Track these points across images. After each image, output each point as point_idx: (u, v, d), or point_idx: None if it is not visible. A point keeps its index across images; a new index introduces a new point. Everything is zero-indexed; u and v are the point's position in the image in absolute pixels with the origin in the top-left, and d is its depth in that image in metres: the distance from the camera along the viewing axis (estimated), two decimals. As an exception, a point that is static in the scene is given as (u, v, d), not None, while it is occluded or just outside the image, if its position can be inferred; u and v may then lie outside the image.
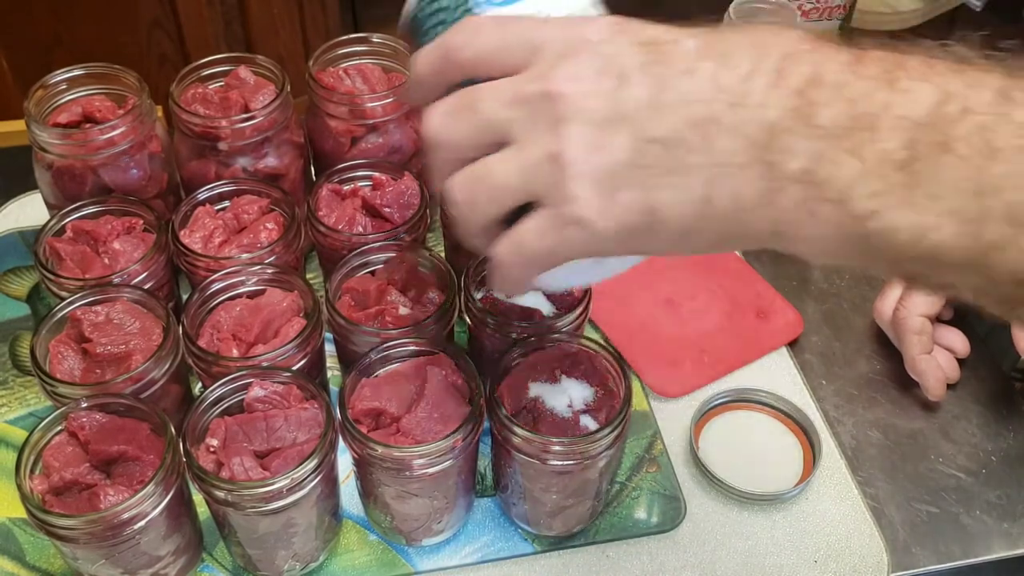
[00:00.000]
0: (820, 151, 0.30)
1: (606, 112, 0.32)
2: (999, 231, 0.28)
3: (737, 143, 0.31)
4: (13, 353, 0.65)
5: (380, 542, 0.56)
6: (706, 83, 0.32)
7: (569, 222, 0.33)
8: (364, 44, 0.69)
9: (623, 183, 0.32)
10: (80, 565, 0.48)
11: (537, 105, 0.33)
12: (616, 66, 0.33)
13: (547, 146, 0.33)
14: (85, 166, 0.62)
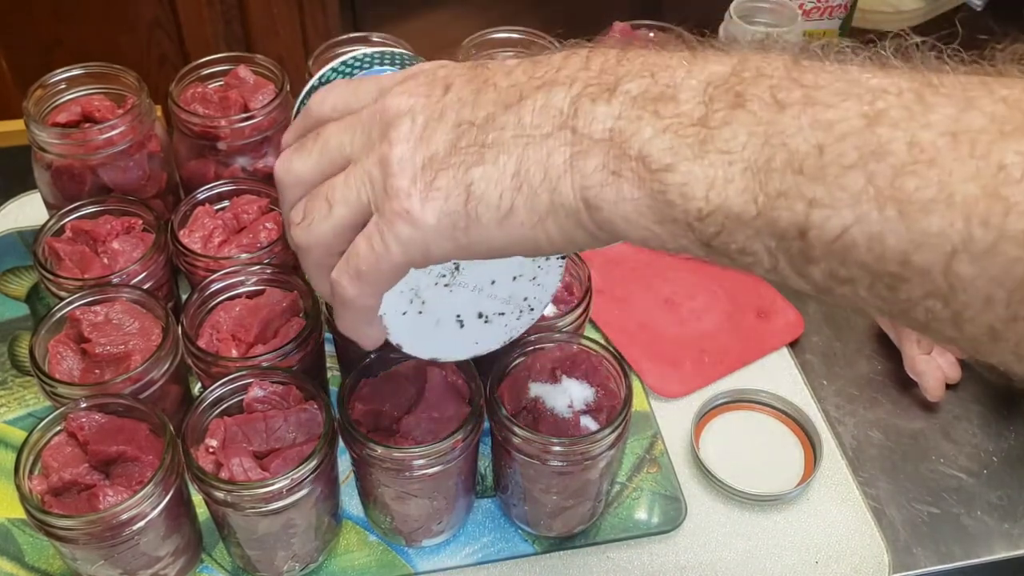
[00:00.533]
0: (623, 113, 0.31)
1: (430, 112, 0.34)
2: (783, 180, 0.28)
3: (544, 115, 0.32)
4: (12, 353, 0.65)
5: (380, 543, 0.55)
6: (520, 75, 0.34)
7: (394, 219, 0.33)
8: (364, 44, 0.69)
9: (441, 167, 0.33)
10: (79, 566, 0.48)
11: (372, 122, 0.36)
12: (443, 80, 0.35)
13: (376, 153, 0.35)
14: (84, 166, 0.62)
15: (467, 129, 0.33)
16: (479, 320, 0.43)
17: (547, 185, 0.32)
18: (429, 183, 0.33)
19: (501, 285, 0.42)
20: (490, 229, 0.33)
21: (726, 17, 0.72)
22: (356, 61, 0.46)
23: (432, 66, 0.37)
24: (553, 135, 0.32)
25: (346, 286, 0.36)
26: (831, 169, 0.27)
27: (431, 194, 0.33)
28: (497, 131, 0.33)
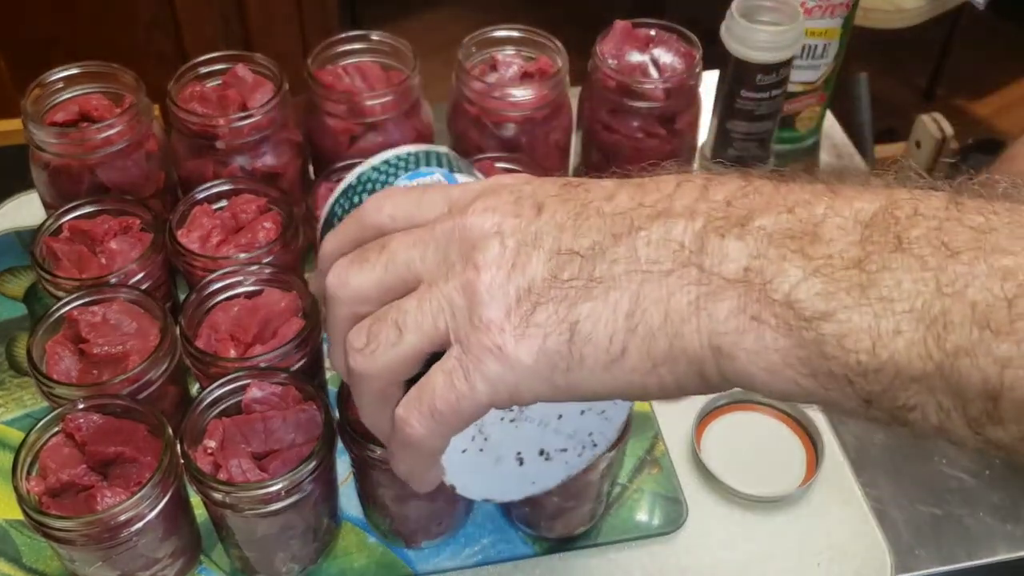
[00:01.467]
0: (760, 251, 0.27)
1: (522, 236, 0.30)
2: (964, 335, 0.25)
3: (663, 250, 0.29)
4: (10, 354, 0.65)
5: (379, 544, 0.55)
6: (627, 201, 0.30)
7: (483, 355, 0.30)
8: (363, 42, 0.68)
9: (540, 300, 0.29)
10: (77, 567, 0.48)
11: (448, 239, 0.31)
12: (532, 198, 0.31)
13: (458, 277, 0.31)
14: (82, 165, 0.61)
15: (570, 259, 0.29)
16: (540, 457, 0.39)
17: (668, 329, 0.28)
18: (526, 318, 0.29)
19: (568, 419, 0.37)
20: (595, 373, 0.29)
21: (727, 16, 0.71)
22: (400, 160, 0.40)
23: (515, 180, 0.33)
24: (675, 272, 0.28)
25: (416, 425, 0.31)
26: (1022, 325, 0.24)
27: (528, 331, 0.29)
28: (607, 264, 0.29)
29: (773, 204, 0.28)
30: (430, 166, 0.39)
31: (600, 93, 0.67)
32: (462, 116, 0.67)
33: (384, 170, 0.39)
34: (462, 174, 0.39)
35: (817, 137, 0.84)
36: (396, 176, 0.39)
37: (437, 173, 0.38)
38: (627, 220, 0.30)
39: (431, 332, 0.31)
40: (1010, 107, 2.07)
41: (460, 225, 0.31)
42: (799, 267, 0.27)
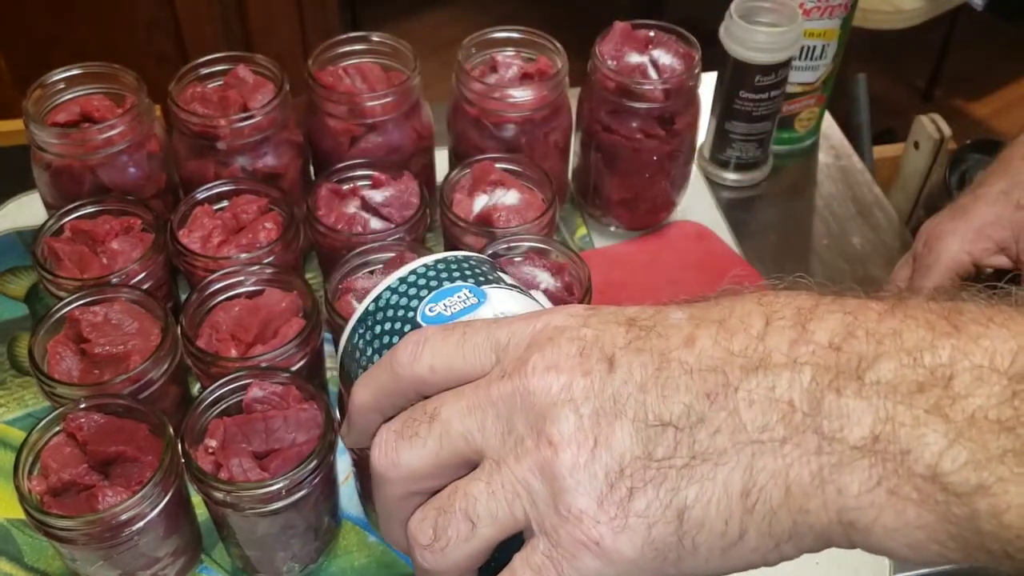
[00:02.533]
0: (888, 412, 0.24)
1: (598, 401, 0.26)
2: None
3: (771, 413, 0.25)
4: (11, 353, 0.65)
5: (380, 544, 0.55)
6: (713, 349, 0.26)
7: (577, 550, 0.26)
8: (363, 43, 0.69)
9: (636, 484, 0.26)
10: (78, 566, 0.48)
11: (510, 407, 0.27)
12: (599, 347, 0.27)
13: (531, 456, 0.27)
14: (83, 166, 0.62)
15: (662, 431, 0.26)
16: None
17: (791, 505, 0.25)
18: (623, 505, 0.26)
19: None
20: (710, 560, 0.26)
21: (727, 16, 0.72)
22: (419, 278, 0.35)
23: (570, 321, 0.28)
24: (791, 440, 0.25)
25: None
26: None
27: (629, 521, 0.26)
28: (708, 434, 0.25)
29: (889, 346, 0.25)
30: (453, 281, 0.35)
31: (599, 94, 0.68)
32: (462, 117, 0.68)
33: (403, 291, 0.35)
34: (488, 284, 0.35)
35: (816, 138, 0.84)
36: (419, 298, 0.34)
37: (463, 288, 0.35)
38: (719, 376, 0.26)
39: (508, 522, 0.27)
40: (1009, 107, 2.07)
41: (522, 390, 0.27)
42: (940, 432, 0.23)
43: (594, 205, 0.74)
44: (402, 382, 0.30)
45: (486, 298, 0.34)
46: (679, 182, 0.73)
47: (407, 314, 0.34)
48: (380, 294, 0.36)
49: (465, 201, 0.62)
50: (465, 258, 0.37)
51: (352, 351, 0.36)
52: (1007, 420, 0.23)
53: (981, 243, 0.57)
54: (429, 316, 0.34)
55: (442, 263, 0.36)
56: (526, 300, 0.36)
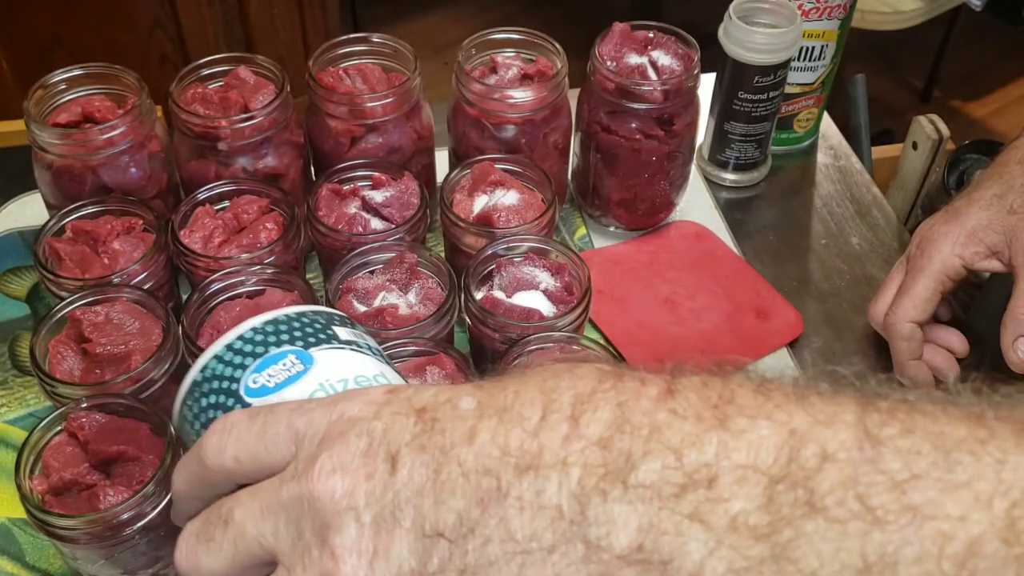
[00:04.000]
0: (652, 519, 0.23)
1: (378, 507, 0.26)
2: None
3: (540, 519, 0.25)
4: (13, 353, 0.65)
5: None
6: (489, 447, 0.26)
7: None
8: (364, 44, 0.69)
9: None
10: (80, 565, 0.48)
11: (298, 512, 0.27)
12: (385, 445, 0.27)
13: (316, 566, 0.27)
14: (85, 166, 0.62)
15: (435, 542, 0.26)
16: None
17: None
18: None
19: None
20: None
21: (725, 18, 0.72)
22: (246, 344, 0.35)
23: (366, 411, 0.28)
24: (558, 548, 0.24)
25: None
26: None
27: None
28: (478, 544, 0.25)
29: (656, 442, 0.24)
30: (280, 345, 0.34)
31: (599, 95, 0.68)
32: (462, 117, 0.68)
33: (229, 359, 0.35)
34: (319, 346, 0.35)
35: (814, 138, 0.85)
36: (243, 367, 0.34)
37: (290, 354, 0.34)
38: (492, 480, 0.25)
39: None
40: (1007, 108, 2.07)
41: (308, 495, 0.27)
42: (700, 540, 0.23)
43: (593, 205, 0.74)
44: (211, 473, 0.31)
45: (313, 363, 0.34)
46: (678, 182, 0.73)
47: (231, 386, 0.34)
48: (207, 363, 0.35)
49: (465, 201, 0.62)
50: (298, 316, 0.36)
51: (182, 423, 0.36)
52: (764, 527, 0.23)
53: (973, 247, 0.58)
54: (252, 388, 0.33)
55: (271, 324, 0.35)
56: (359, 357, 0.35)
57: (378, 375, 0.35)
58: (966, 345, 0.62)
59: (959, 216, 0.59)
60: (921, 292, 0.59)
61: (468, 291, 0.56)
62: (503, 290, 0.58)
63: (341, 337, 0.36)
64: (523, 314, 0.56)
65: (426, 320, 0.54)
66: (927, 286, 0.59)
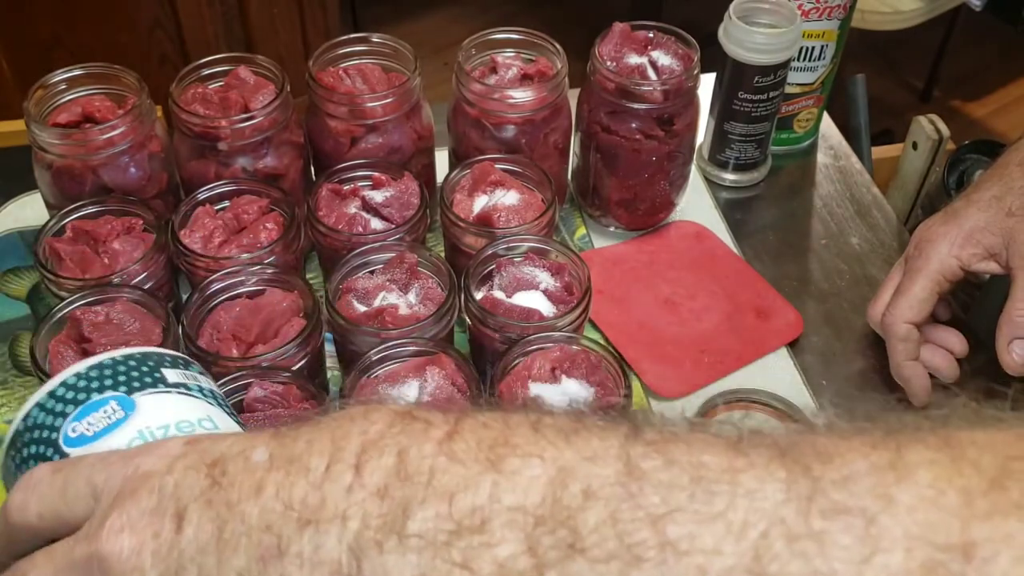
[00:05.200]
0: (424, 570, 0.24)
1: (163, 566, 0.27)
2: None
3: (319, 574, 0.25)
4: (13, 353, 0.65)
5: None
6: (273, 502, 0.26)
7: None
8: (364, 44, 0.69)
9: None
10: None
11: (88, 573, 0.28)
12: (175, 501, 0.27)
13: None
14: (85, 166, 0.62)
15: None
16: None
17: None
18: None
19: None
20: None
21: (725, 18, 0.72)
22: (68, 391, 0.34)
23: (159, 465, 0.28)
24: None
25: None
26: None
27: None
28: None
29: (432, 490, 0.24)
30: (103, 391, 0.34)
31: (599, 95, 0.68)
32: (462, 118, 0.68)
33: (51, 408, 0.34)
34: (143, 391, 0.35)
35: (814, 138, 0.85)
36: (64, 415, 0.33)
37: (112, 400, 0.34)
38: (273, 538, 0.26)
39: None
40: (1007, 108, 2.07)
41: (97, 556, 0.27)
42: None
43: (593, 205, 0.74)
44: (15, 531, 0.30)
45: (135, 409, 0.34)
46: (678, 182, 0.73)
47: (51, 435, 0.34)
48: (29, 412, 0.34)
49: (465, 201, 0.62)
50: (125, 359, 0.36)
51: (5, 475, 0.35)
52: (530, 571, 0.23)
53: (970, 248, 0.57)
54: (71, 438, 0.33)
55: (95, 369, 0.35)
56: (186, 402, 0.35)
57: (203, 419, 0.35)
58: (966, 345, 0.62)
59: (957, 217, 0.59)
60: (918, 293, 0.59)
61: (468, 291, 0.56)
62: (503, 290, 0.58)
63: (169, 380, 0.36)
64: (523, 314, 0.56)
65: (426, 320, 0.54)
66: (924, 287, 0.59)
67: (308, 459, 0.26)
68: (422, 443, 0.26)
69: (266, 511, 0.26)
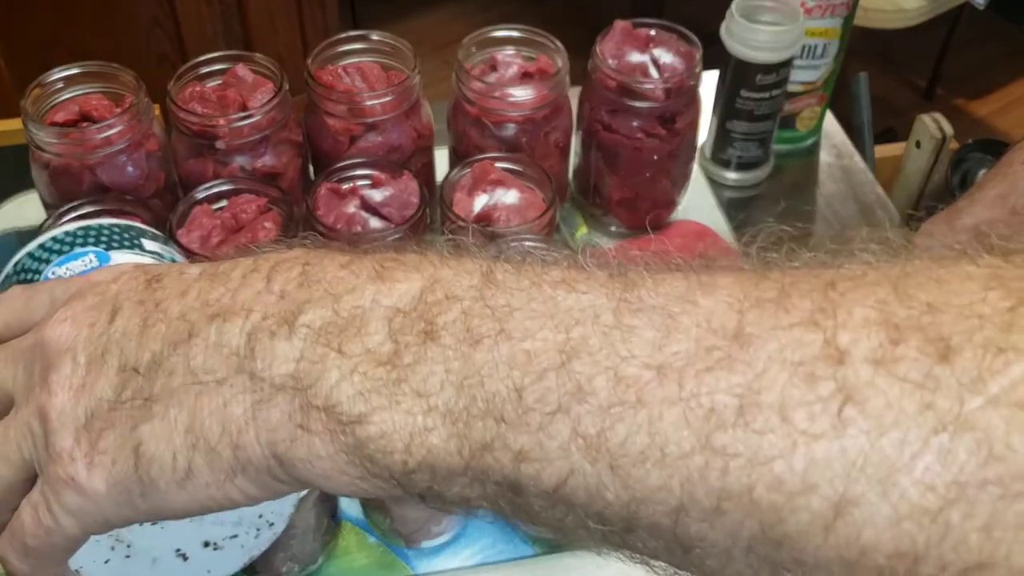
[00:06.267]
0: (305, 352, 0.26)
1: (92, 349, 0.29)
2: (485, 427, 0.24)
3: (217, 356, 0.27)
4: (10, 353, 0.65)
5: (379, 544, 0.55)
6: (193, 300, 0.29)
7: (60, 487, 0.28)
8: (363, 42, 0.68)
9: (106, 425, 0.28)
10: (76, 568, 0.48)
11: (31, 357, 0.30)
12: (112, 301, 0.30)
13: (35, 400, 0.29)
14: (82, 165, 0.61)
15: (131, 376, 0.28)
16: (207, 549, 0.37)
17: (227, 440, 0.27)
18: (93, 444, 0.28)
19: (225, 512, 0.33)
20: (170, 494, 0.28)
21: (728, 15, 0.71)
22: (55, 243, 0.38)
23: (107, 276, 0.31)
24: (228, 380, 0.27)
25: (15, 563, 0.30)
26: (533, 416, 0.24)
27: (96, 458, 0.28)
28: (164, 377, 0.28)
29: (324, 294, 0.27)
30: (86, 246, 0.37)
31: (600, 93, 0.67)
32: (462, 116, 0.67)
33: (39, 255, 0.38)
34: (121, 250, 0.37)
35: (817, 137, 0.84)
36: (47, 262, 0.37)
37: (91, 253, 0.37)
38: (186, 325, 0.28)
39: (17, 462, 0.30)
40: (1011, 107, 2.07)
41: (40, 340, 0.30)
42: (338, 367, 0.26)
43: (594, 204, 0.74)
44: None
45: (108, 262, 0.37)
46: (680, 181, 0.73)
47: (34, 278, 0.38)
48: (20, 259, 0.39)
49: (465, 201, 0.62)
50: (111, 225, 0.40)
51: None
52: (389, 354, 0.26)
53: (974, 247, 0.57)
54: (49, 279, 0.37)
55: (82, 230, 0.39)
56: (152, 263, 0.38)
57: None
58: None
59: (961, 216, 0.58)
60: None
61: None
62: (503, 290, 0.57)
63: (146, 247, 0.39)
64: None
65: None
66: None
67: (230, 272, 0.30)
68: (326, 264, 0.28)
69: (185, 308, 0.29)
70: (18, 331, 0.33)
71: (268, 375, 0.27)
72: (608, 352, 0.23)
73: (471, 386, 0.25)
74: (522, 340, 0.24)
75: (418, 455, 0.25)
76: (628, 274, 0.25)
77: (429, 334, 0.25)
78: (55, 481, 0.28)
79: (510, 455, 0.24)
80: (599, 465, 0.23)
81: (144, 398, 0.28)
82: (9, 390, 0.31)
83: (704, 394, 0.22)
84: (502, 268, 0.27)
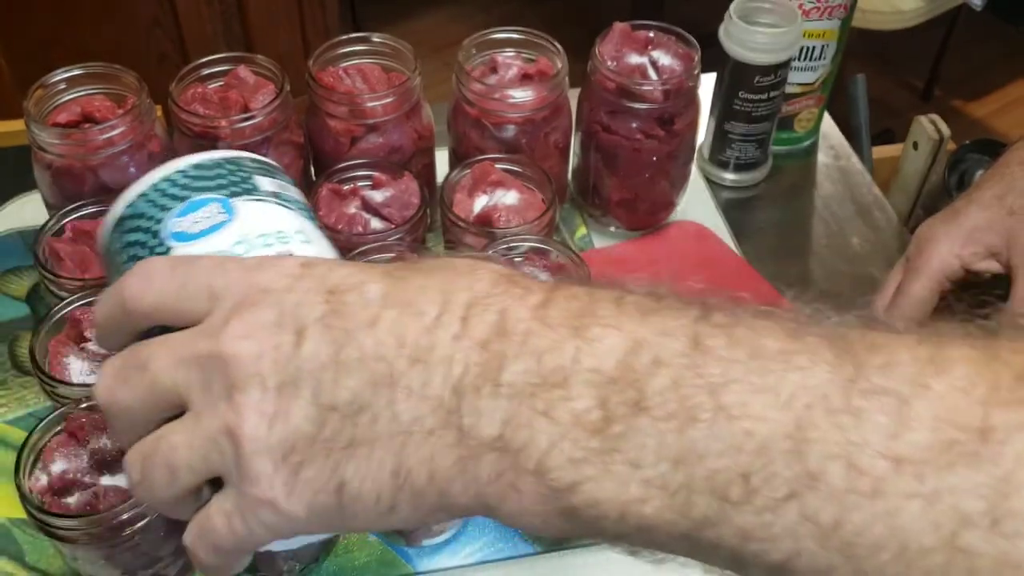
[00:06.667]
0: (512, 414, 0.27)
1: (282, 375, 0.29)
2: (707, 505, 0.25)
3: (423, 406, 0.28)
4: (12, 353, 0.65)
5: (379, 542, 0.55)
6: (387, 336, 0.29)
7: (256, 505, 0.29)
8: (364, 44, 0.69)
9: (306, 458, 0.29)
10: (79, 565, 0.48)
11: (209, 368, 0.30)
12: (294, 319, 0.30)
13: (222, 418, 0.29)
14: (84, 166, 0.62)
15: (329, 415, 0.28)
16: None
17: (434, 488, 0.28)
18: (294, 472, 0.29)
19: None
20: (368, 522, 0.30)
21: (726, 17, 0.72)
22: (171, 186, 0.36)
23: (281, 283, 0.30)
24: (436, 433, 0.28)
25: (203, 558, 0.31)
26: (760, 498, 0.24)
27: (297, 488, 0.29)
28: (367, 421, 0.28)
29: (525, 348, 0.27)
30: (204, 192, 0.36)
31: (599, 94, 0.68)
32: (462, 117, 0.68)
33: (154, 199, 0.36)
34: (241, 196, 0.36)
35: (815, 138, 0.84)
36: (167, 210, 0.35)
37: (213, 203, 0.36)
38: (386, 366, 0.28)
39: (203, 471, 0.30)
40: (1008, 108, 2.07)
41: (219, 354, 0.29)
42: (547, 433, 0.26)
43: (594, 205, 0.74)
44: (131, 315, 0.33)
45: (235, 214, 0.35)
46: (679, 182, 0.73)
47: (155, 226, 0.36)
48: (133, 201, 0.36)
49: (465, 201, 0.62)
50: (222, 162, 0.38)
51: (106, 253, 0.38)
52: (598, 422, 0.26)
53: (971, 247, 0.57)
54: (175, 232, 0.35)
55: (195, 169, 0.37)
56: (280, 212, 0.37)
57: (298, 231, 0.37)
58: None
59: (958, 216, 0.59)
60: (919, 292, 0.59)
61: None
62: (503, 290, 0.58)
63: (262, 188, 0.37)
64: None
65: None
66: (925, 287, 0.59)
67: (420, 304, 0.29)
68: (520, 307, 0.28)
69: (379, 343, 0.29)
70: (166, 316, 0.32)
71: (476, 432, 0.27)
72: (839, 438, 0.23)
73: (689, 463, 0.25)
74: (742, 418, 0.24)
75: (631, 522, 0.26)
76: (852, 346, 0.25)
77: (638, 404, 0.26)
78: (252, 500, 0.29)
79: (734, 531, 0.24)
80: (830, 551, 0.23)
81: (348, 440, 0.28)
82: (180, 394, 0.31)
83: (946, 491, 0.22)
84: (709, 331, 0.26)
